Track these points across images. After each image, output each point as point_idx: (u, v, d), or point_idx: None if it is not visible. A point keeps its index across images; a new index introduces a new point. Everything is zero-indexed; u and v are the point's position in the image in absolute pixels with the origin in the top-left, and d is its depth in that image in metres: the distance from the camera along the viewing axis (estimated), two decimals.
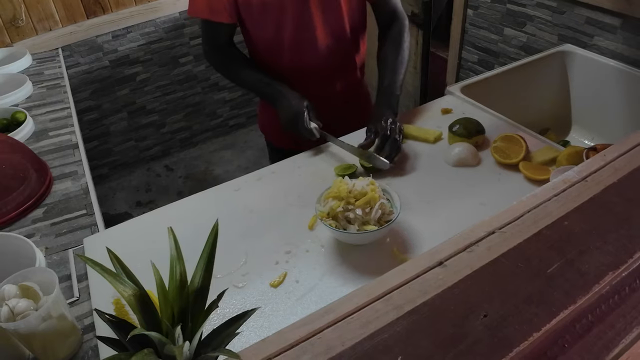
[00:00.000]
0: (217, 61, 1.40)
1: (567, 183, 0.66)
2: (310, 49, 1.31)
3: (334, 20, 1.29)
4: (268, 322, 0.83)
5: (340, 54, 1.36)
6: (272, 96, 1.31)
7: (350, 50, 1.39)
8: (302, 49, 1.31)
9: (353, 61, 1.42)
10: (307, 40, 1.29)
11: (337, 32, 1.31)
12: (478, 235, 0.60)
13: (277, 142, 1.55)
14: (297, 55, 1.32)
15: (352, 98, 1.49)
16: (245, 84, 1.38)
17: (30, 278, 0.83)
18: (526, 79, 1.61)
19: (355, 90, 1.50)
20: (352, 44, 1.37)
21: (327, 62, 1.35)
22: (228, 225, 1.04)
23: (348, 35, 1.34)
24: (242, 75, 1.36)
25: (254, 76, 1.34)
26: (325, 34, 1.30)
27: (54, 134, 1.57)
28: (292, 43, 1.29)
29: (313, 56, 1.32)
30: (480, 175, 1.13)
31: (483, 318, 0.48)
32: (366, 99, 1.55)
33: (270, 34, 1.29)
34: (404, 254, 0.94)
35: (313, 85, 1.36)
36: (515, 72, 1.57)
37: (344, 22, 1.31)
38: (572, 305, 0.49)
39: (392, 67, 1.32)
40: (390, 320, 0.50)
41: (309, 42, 1.30)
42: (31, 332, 0.77)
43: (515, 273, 0.53)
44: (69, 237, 1.13)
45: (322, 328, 0.50)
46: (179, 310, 0.54)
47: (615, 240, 0.57)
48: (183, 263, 0.57)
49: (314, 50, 1.31)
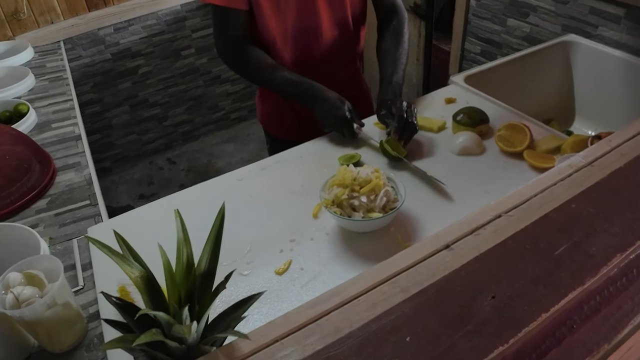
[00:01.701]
0: (235, 60, 1.31)
1: (573, 167, 0.66)
2: (315, 38, 1.30)
3: (339, 9, 1.28)
4: (273, 308, 0.83)
5: (344, 43, 1.36)
6: (308, 98, 1.26)
7: (352, 40, 1.38)
8: (307, 38, 1.30)
9: (354, 51, 1.42)
10: (312, 29, 1.29)
11: (340, 21, 1.31)
12: (484, 219, 0.60)
13: (277, 133, 1.54)
14: (301, 44, 1.31)
15: (353, 89, 1.48)
16: (272, 85, 1.32)
17: (35, 266, 0.83)
18: (530, 70, 1.60)
19: (356, 81, 1.50)
20: (354, 34, 1.37)
21: (331, 52, 1.34)
22: (232, 214, 1.03)
23: (351, 24, 1.34)
24: (267, 76, 1.29)
25: (281, 77, 1.27)
26: (329, 24, 1.29)
27: (57, 126, 1.57)
28: (297, 32, 1.28)
29: (317, 45, 1.32)
30: (484, 164, 1.13)
31: (491, 299, 0.48)
32: (365, 89, 1.55)
33: (275, 23, 1.27)
34: (408, 242, 0.94)
35: (315, 76, 1.36)
36: (519, 62, 1.56)
37: (347, 10, 1.30)
38: (580, 287, 0.49)
39: (394, 58, 1.31)
40: (398, 302, 0.50)
41: (313, 31, 1.29)
42: (36, 319, 0.76)
43: (523, 255, 0.53)
44: (72, 227, 1.13)
45: (330, 310, 0.50)
46: (186, 292, 0.53)
47: (622, 222, 0.57)
48: (190, 246, 0.57)
49: (319, 39, 1.31)
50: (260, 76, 1.31)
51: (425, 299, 0.49)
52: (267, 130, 1.58)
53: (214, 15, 1.28)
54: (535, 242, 0.54)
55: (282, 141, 1.45)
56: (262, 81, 1.35)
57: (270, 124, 1.55)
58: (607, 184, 0.62)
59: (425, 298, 0.49)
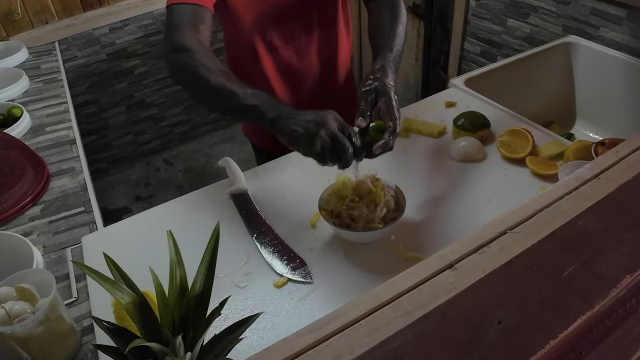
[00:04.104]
0: (188, 62, 0.96)
1: (579, 180, 0.64)
2: (301, 43, 1.25)
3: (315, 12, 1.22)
4: (271, 323, 0.81)
5: (332, 42, 1.30)
6: (272, 109, 0.90)
7: (341, 40, 1.32)
8: (293, 43, 1.24)
9: (346, 50, 1.36)
10: (297, 30, 1.23)
11: (321, 22, 1.25)
12: (489, 236, 0.57)
13: (264, 146, 1.45)
14: (288, 48, 1.25)
15: (346, 99, 1.35)
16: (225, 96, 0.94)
17: (27, 279, 0.81)
18: (530, 71, 1.58)
19: (349, 89, 1.42)
20: (338, 37, 1.31)
21: (319, 53, 1.29)
22: (229, 224, 1.02)
23: (333, 28, 1.27)
24: (219, 84, 0.94)
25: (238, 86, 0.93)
26: (309, 25, 1.23)
27: (51, 130, 1.54)
28: (281, 35, 1.22)
29: (304, 51, 1.26)
30: (486, 170, 1.11)
31: (497, 325, 0.46)
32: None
33: (250, 23, 1.18)
34: (410, 252, 0.92)
35: (305, 86, 1.31)
36: (519, 64, 1.54)
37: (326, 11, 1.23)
38: (589, 311, 0.48)
39: (392, 29, 1.09)
40: (401, 327, 0.48)
41: (298, 34, 1.23)
42: (28, 335, 0.75)
43: (530, 276, 0.51)
44: (67, 235, 1.11)
45: (329, 335, 0.48)
46: (180, 317, 0.52)
47: (632, 240, 0.55)
48: (183, 267, 0.55)
49: (305, 43, 1.25)
50: (215, 85, 0.94)
51: (429, 324, 0.47)
52: (254, 144, 1.52)
53: (172, 14, 1.04)
54: (542, 262, 0.53)
55: (268, 154, 1.36)
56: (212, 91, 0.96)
57: (256, 136, 1.49)
58: (615, 199, 0.60)
59: (429, 323, 0.47)
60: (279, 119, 0.86)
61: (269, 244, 0.95)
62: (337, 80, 1.38)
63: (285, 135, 0.86)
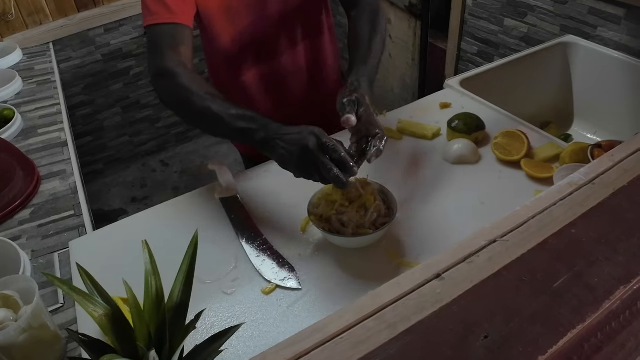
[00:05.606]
0: (172, 88, 0.98)
1: (573, 186, 0.62)
2: (285, 56, 1.23)
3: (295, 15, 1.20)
4: (258, 331, 0.79)
5: (317, 52, 1.28)
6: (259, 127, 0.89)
7: (326, 48, 1.30)
8: (275, 57, 1.23)
9: (332, 58, 1.34)
10: (280, 44, 1.21)
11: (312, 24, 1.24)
12: (478, 245, 0.56)
13: (249, 153, 1.45)
14: (270, 61, 1.24)
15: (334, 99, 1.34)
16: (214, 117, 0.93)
17: (10, 286, 0.79)
18: (527, 71, 1.56)
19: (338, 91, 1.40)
20: (329, 39, 1.30)
21: (305, 64, 1.27)
22: (217, 228, 1.00)
23: (316, 32, 1.26)
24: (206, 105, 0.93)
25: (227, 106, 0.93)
26: (288, 32, 1.21)
27: (43, 132, 1.53)
28: (262, 50, 1.20)
29: (289, 64, 1.24)
30: (480, 173, 1.09)
31: (484, 339, 0.45)
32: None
33: (228, 38, 1.17)
34: (401, 257, 0.90)
35: (291, 98, 1.29)
36: (516, 64, 1.52)
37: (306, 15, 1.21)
38: (580, 324, 0.46)
39: (366, 39, 1.09)
40: (383, 341, 0.46)
41: (281, 48, 1.22)
42: (10, 343, 0.73)
43: (519, 288, 0.49)
44: (55, 240, 1.10)
45: (309, 349, 0.46)
46: (156, 328, 0.50)
47: (626, 250, 0.53)
48: (159, 278, 0.53)
49: (290, 55, 1.24)
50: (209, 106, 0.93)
51: (413, 338, 0.46)
52: (242, 153, 1.51)
53: (153, 38, 1.04)
54: (533, 272, 0.51)
55: (255, 162, 1.31)
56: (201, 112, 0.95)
57: (239, 144, 1.48)
58: (610, 206, 0.58)
59: (413, 337, 0.46)
60: (267, 140, 0.87)
61: (258, 249, 0.93)
62: (326, 88, 1.36)
63: (274, 158, 0.88)
